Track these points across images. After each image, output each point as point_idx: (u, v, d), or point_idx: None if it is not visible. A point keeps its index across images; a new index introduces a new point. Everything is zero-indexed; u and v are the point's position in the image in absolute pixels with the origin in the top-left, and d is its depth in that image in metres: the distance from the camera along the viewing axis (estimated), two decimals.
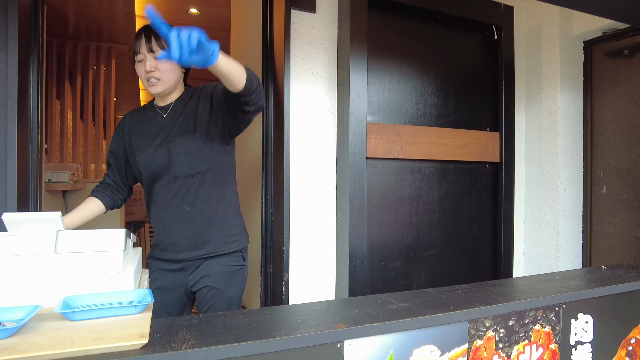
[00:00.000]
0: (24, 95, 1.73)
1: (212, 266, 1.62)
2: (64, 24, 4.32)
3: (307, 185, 2.25)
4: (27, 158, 1.78)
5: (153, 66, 1.51)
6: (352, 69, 2.15)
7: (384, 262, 2.35)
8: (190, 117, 1.57)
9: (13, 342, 0.88)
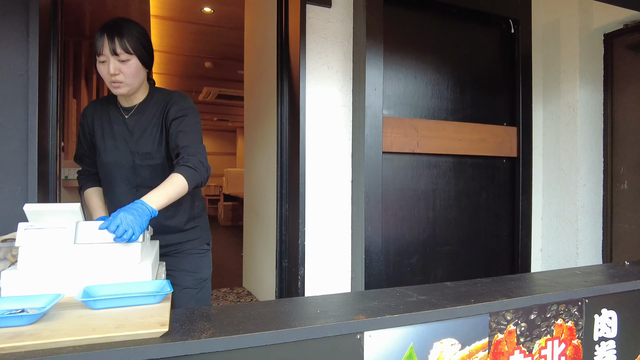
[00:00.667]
0: (43, 91, 1.75)
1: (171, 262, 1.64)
2: (80, 23, 4.38)
3: (322, 179, 2.24)
4: (47, 153, 1.81)
5: (117, 69, 1.44)
6: (368, 63, 2.14)
7: (399, 257, 2.33)
8: (154, 125, 1.53)
9: (36, 329, 0.89)
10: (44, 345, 0.84)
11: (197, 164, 1.40)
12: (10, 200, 1.59)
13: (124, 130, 1.54)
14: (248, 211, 3.67)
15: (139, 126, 1.54)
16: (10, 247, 1.33)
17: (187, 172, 1.38)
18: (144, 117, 1.54)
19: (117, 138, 1.54)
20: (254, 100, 3.48)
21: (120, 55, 1.42)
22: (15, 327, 0.91)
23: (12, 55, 1.64)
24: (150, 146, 1.52)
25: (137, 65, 1.46)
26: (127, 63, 1.44)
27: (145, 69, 1.53)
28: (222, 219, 10.30)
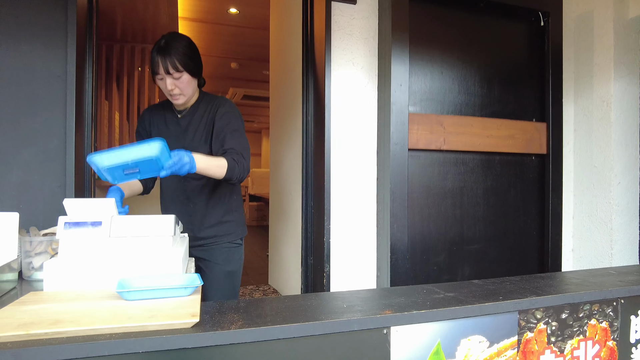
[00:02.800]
0: (80, 92, 1.83)
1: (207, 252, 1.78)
2: (112, 28, 4.53)
3: (347, 176, 2.24)
4: (83, 152, 1.88)
5: (173, 84, 1.64)
6: (394, 59, 2.13)
7: (426, 255, 2.31)
8: (204, 125, 1.72)
9: (76, 316, 0.94)
10: (83, 332, 0.88)
11: (240, 159, 1.58)
12: (50, 196, 1.67)
13: (177, 128, 1.75)
14: (274, 210, 3.71)
15: (191, 125, 1.73)
16: (51, 241, 1.40)
17: (229, 161, 1.56)
18: (195, 117, 1.74)
19: (171, 135, 1.74)
20: (279, 99, 3.52)
21: (173, 74, 1.61)
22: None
23: (52, 59, 1.72)
24: (198, 142, 1.71)
25: (189, 79, 1.66)
26: (180, 79, 1.63)
27: (195, 78, 1.70)
28: (247, 219, 10.44)
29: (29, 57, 1.73)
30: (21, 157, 1.69)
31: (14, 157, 1.68)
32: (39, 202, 1.69)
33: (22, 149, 1.69)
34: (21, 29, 1.72)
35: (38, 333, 0.86)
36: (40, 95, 1.74)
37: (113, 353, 0.89)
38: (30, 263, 1.40)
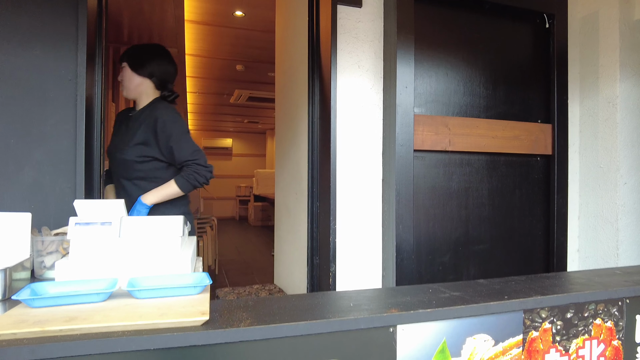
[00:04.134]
0: (90, 94, 1.86)
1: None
2: (119, 30, 4.57)
3: (353, 177, 2.26)
4: (92, 153, 1.91)
5: (120, 74, 1.90)
6: (399, 61, 2.14)
7: (431, 256, 2.32)
8: (140, 132, 1.84)
9: (89, 314, 0.96)
10: (96, 329, 0.91)
11: (192, 171, 1.76)
12: (61, 197, 1.69)
13: (125, 128, 1.92)
14: (279, 210, 3.73)
15: (131, 128, 1.88)
16: (62, 240, 1.42)
17: (179, 181, 1.77)
18: (137, 121, 1.88)
19: (119, 133, 1.94)
20: (284, 101, 3.54)
21: (122, 63, 1.87)
22: (84, 304, 1.00)
23: (63, 62, 1.75)
24: (127, 144, 1.84)
25: (129, 72, 1.86)
26: (123, 70, 1.86)
27: (138, 75, 1.88)
28: (252, 220, 10.47)
29: (41, 61, 1.76)
30: (33, 158, 1.72)
31: (26, 158, 1.71)
32: (50, 202, 1.72)
33: (34, 150, 1.72)
34: (34, 34, 1.75)
35: (53, 330, 0.89)
36: (52, 98, 1.77)
37: (125, 350, 0.91)
38: (42, 262, 1.43)
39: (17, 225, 1.26)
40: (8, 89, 1.73)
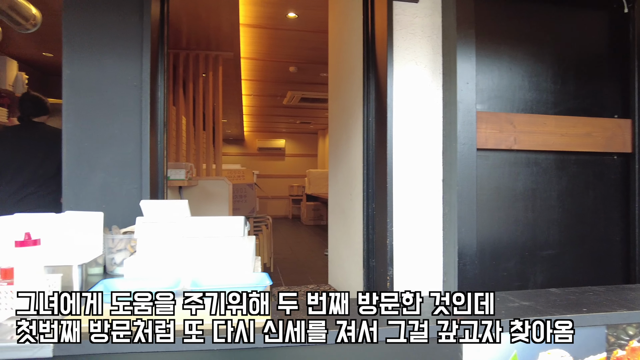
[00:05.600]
0: (153, 99, 1.94)
1: None
2: (178, 36, 4.78)
3: (410, 178, 2.19)
4: (156, 155, 2.00)
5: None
6: (459, 56, 2.05)
7: (495, 261, 2.20)
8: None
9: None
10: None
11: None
12: (128, 197, 1.78)
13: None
14: (333, 210, 3.72)
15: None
16: (130, 239, 1.49)
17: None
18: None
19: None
20: (338, 100, 3.52)
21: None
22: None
23: (129, 68, 1.84)
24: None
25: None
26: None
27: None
28: (304, 219, 10.57)
29: (109, 69, 1.87)
30: (103, 160, 1.82)
31: (97, 160, 1.82)
32: (118, 202, 1.82)
33: (104, 153, 1.82)
34: (104, 45, 1.86)
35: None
36: (119, 103, 1.87)
37: (190, 349, 0.93)
38: (113, 259, 1.50)
39: (91, 223, 1.33)
40: (81, 96, 1.85)
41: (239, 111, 8.52)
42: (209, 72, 5.32)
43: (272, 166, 12.79)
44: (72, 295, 0.96)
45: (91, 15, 1.85)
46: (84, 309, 0.95)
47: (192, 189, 4.27)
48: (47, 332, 0.90)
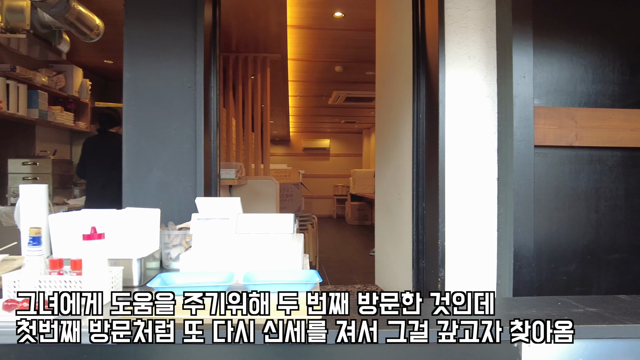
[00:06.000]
0: (207, 100, 2.01)
1: None
2: (228, 39, 4.93)
3: (463, 176, 2.12)
4: (210, 155, 2.06)
5: None
6: (515, 49, 1.95)
7: (554, 264, 2.07)
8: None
9: (209, 305, 1.01)
10: (217, 319, 0.96)
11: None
12: (184, 195, 1.86)
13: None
14: (380, 210, 3.67)
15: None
16: (185, 235, 1.55)
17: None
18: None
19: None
20: (385, 98, 3.48)
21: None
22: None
23: (184, 71, 1.92)
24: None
25: None
26: None
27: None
28: (349, 218, 10.55)
29: (166, 72, 1.95)
30: (160, 159, 1.91)
31: (155, 159, 1.90)
32: (174, 199, 1.89)
33: (161, 153, 1.91)
34: (160, 49, 1.94)
35: (179, 317, 0.96)
36: (175, 105, 1.95)
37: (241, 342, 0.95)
38: (169, 254, 1.56)
39: (149, 220, 1.40)
40: (140, 98, 1.95)
41: (285, 112, 8.64)
42: (257, 74, 5.44)
43: (317, 166, 12.87)
44: (72, 295, 0.97)
45: (149, 23, 1.94)
46: (84, 309, 0.95)
47: (242, 188, 4.38)
48: (47, 332, 0.90)
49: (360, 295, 1.03)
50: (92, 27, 3.44)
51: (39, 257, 1.11)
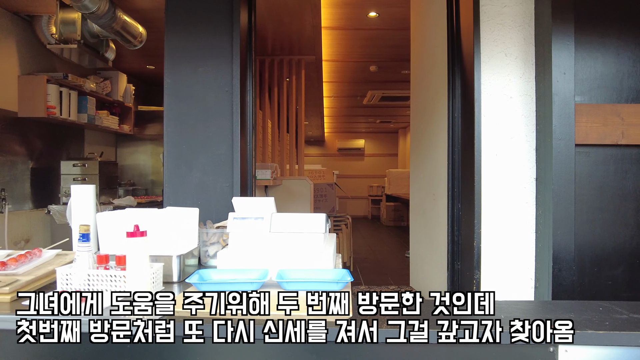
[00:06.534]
0: (243, 104, 2.07)
1: None
2: (264, 43, 5.02)
3: (500, 177, 2.07)
4: (246, 156, 2.12)
5: None
6: (555, 44, 1.89)
7: (597, 268, 1.99)
8: None
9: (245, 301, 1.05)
10: (256, 317, 0.99)
11: None
12: (221, 195, 1.92)
13: None
14: (415, 211, 3.64)
15: None
16: (222, 233, 1.60)
17: None
18: None
19: None
20: (420, 98, 3.44)
21: None
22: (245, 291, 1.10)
23: (221, 75, 1.98)
24: None
25: None
26: None
27: None
28: (384, 219, 10.46)
29: (203, 76, 2.03)
30: (199, 161, 1.98)
31: (194, 161, 1.98)
32: (212, 199, 1.96)
33: (200, 154, 1.98)
34: (198, 55, 2.02)
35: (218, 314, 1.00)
36: (213, 108, 2.02)
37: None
38: (207, 251, 1.62)
39: (188, 218, 1.46)
40: (180, 102, 2.03)
41: (320, 113, 8.69)
42: (292, 76, 5.51)
43: (352, 166, 12.85)
44: (72, 295, 0.97)
45: (188, 31, 2.02)
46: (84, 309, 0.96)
47: (277, 188, 4.45)
48: (47, 332, 0.90)
49: (360, 295, 1.04)
50: (135, 35, 3.62)
51: (87, 252, 1.19)
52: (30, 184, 3.88)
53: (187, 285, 1.30)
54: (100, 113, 4.64)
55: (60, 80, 3.93)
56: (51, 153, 4.20)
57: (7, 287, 1.14)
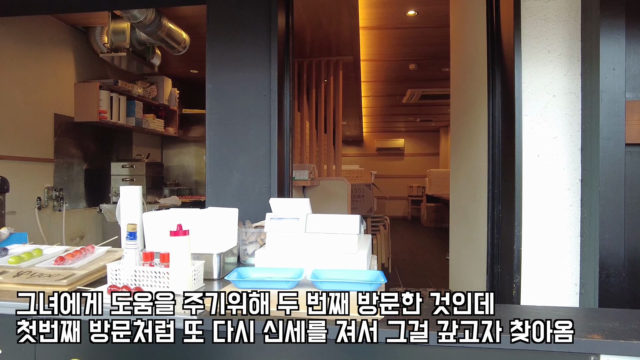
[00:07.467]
0: (281, 107, 2.12)
1: None
2: (302, 45, 5.08)
3: (542, 178, 2.00)
4: (283, 158, 2.17)
5: None
6: (603, 38, 1.79)
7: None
8: None
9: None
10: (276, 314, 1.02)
11: None
12: (260, 195, 1.98)
13: None
14: (455, 212, 3.56)
15: None
16: (260, 232, 1.66)
17: None
18: None
19: None
20: (460, 96, 3.37)
21: None
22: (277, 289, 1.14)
23: (259, 79, 2.04)
24: None
25: None
26: None
27: None
28: (425, 220, 10.28)
29: (243, 81, 2.09)
30: (239, 163, 2.05)
31: (235, 163, 2.05)
32: (251, 199, 2.02)
33: (240, 156, 2.05)
34: (238, 60, 2.09)
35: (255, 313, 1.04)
36: (252, 111, 2.08)
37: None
38: (245, 250, 1.68)
39: (228, 218, 1.52)
40: (222, 107, 2.11)
41: (358, 113, 8.67)
42: (330, 77, 5.54)
43: (391, 166, 12.71)
44: (72, 295, 0.98)
45: (229, 37, 2.10)
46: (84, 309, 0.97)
47: (314, 188, 4.50)
48: (47, 332, 0.91)
49: (361, 295, 1.04)
50: (179, 41, 3.78)
51: (134, 250, 1.27)
52: (84, 184, 4.15)
53: (226, 282, 1.36)
54: (147, 116, 4.88)
55: (111, 86, 4.17)
56: (102, 155, 4.47)
57: (65, 279, 1.23)
